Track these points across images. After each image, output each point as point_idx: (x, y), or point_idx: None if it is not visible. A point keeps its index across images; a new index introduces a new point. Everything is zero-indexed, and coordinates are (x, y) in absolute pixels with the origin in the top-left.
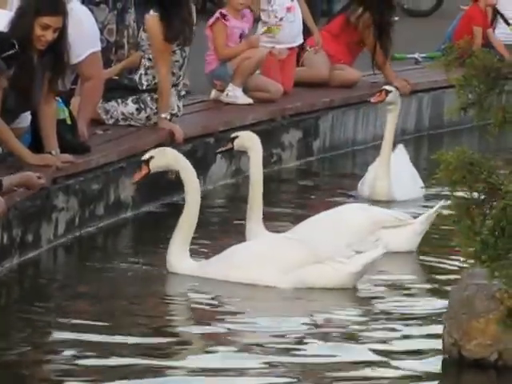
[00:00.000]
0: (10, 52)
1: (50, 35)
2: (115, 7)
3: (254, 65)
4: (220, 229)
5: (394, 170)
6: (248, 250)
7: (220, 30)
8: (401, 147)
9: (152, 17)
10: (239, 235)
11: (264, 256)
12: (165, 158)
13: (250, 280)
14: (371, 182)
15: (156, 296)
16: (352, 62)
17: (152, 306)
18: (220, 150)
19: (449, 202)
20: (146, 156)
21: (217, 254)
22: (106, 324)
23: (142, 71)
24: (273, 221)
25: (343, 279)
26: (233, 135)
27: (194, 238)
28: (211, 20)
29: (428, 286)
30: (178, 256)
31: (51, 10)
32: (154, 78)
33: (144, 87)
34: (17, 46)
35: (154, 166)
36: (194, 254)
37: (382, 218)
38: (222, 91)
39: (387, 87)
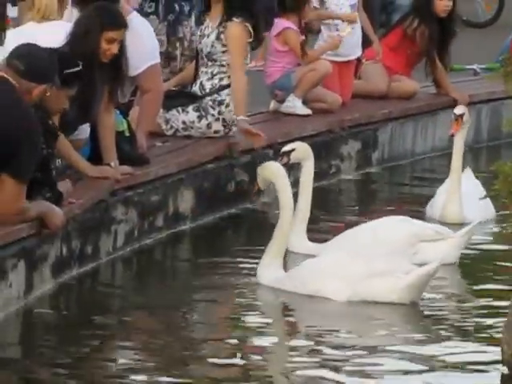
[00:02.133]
0: (75, 69)
1: (115, 48)
2: (166, 18)
3: (319, 77)
4: None
5: (465, 193)
6: (314, 265)
7: (295, 37)
8: (468, 170)
9: (236, 23)
10: None
11: (327, 271)
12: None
13: (313, 292)
14: (442, 205)
15: (224, 305)
16: (410, 73)
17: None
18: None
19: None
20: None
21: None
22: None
23: (203, 78)
24: (328, 233)
25: (400, 293)
26: (286, 149)
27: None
28: (276, 30)
29: (480, 299)
30: (270, 268)
31: (116, 23)
32: (220, 80)
33: (207, 91)
34: (80, 65)
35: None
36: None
37: (421, 231)
38: (282, 102)
39: (457, 111)
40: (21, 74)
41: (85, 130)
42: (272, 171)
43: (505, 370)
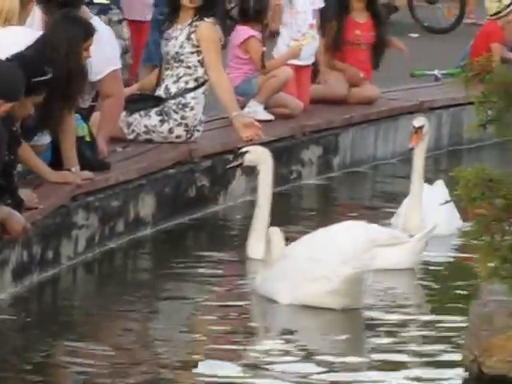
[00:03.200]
0: (44, 78)
1: (89, 53)
2: None
3: (280, 83)
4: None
5: (432, 204)
6: (273, 268)
7: (257, 47)
8: (440, 183)
9: (208, 23)
10: None
11: (277, 274)
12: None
13: (267, 294)
14: (403, 217)
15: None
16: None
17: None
18: (230, 165)
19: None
20: (243, 150)
21: None
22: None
23: (168, 82)
24: (287, 239)
25: (329, 298)
26: (242, 150)
27: None
28: (241, 38)
29: (436, 305)
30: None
31: (92, 32)
32: (186, 83)
33: (172, 94)
34: (50, 73)
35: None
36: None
37: (376, 236)
38: (243, 108)
39: (416, 123)
40: None
41: (46, 136)
42: (259, 155)
43: (466, 375)
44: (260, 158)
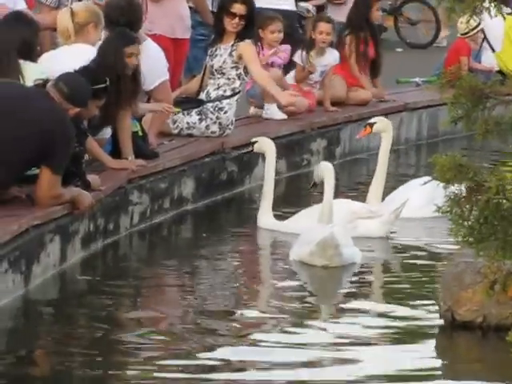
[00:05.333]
0: (102, 86)
1: (135, 60)
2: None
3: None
4: None
5: (409, 192)
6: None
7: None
8: (426, 179)
9: (248, 43)
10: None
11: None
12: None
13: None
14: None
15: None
16: (364, 81)
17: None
18: (242, 151)
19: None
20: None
21: None
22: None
23: (210, 88)
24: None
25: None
26: (252, 140)
27: None
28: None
29: (419, 262)
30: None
31: (131, 41)
32: (224, 91)
33: (211, 98)
34: (108, 81)
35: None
36: None
37: (357, 210)
38: (258, 107)
39: (371, 121)
40: (64, 96)
41: (107, 131)
42: (265, 145)
43: (441, 322)
44: (266, 146)
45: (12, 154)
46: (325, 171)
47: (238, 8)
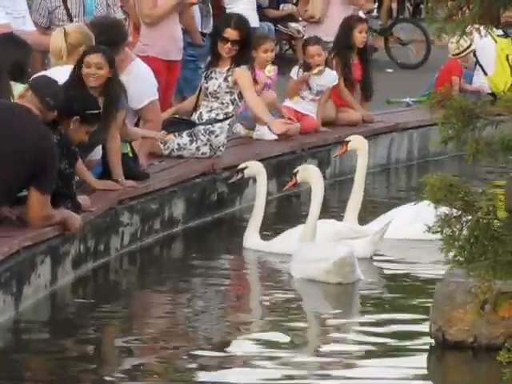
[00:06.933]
0: (96, 111)
1: (93, 70)
2: None
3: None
4: None
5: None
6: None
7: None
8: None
9: (244, 68)
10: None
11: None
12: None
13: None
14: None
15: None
16: (352, 102)
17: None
18: (232, 180)
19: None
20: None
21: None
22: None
23: (203, 110)
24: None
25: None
26: (241, 166)
27: None
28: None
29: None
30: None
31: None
32: (217, 115)
33: (203, 121)
34: (100, 109)
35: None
36: None
37: (341, 230)
38: (250, 129)
39: (346, 139)
40: (44, 103)
41: (98, 153)
42: (256, 169)
43: (432, 341)
44: (256, 170)
45: (6, 174)
46: (312, 176)
47: (230, 33)
